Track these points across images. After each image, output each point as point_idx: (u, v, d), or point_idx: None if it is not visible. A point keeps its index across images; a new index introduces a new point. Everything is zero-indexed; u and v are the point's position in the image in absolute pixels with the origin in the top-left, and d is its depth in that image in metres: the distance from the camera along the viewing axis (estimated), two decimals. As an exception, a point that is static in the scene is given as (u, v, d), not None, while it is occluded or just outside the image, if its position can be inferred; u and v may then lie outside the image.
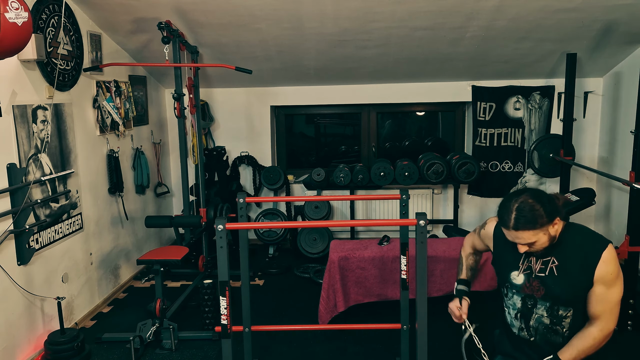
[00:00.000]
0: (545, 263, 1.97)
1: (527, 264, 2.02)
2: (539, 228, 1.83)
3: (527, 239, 1.86)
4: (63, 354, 3.00)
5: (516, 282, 2.05)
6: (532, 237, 1.85)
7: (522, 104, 4.94)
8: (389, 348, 3.17)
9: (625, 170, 4.13)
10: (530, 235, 1.85)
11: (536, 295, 2.00)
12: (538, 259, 1.99)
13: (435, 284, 3.47)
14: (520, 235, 1.86)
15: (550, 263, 1.96)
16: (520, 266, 2.04)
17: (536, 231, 1.84)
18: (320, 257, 4.82)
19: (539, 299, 1.99)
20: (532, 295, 2.01)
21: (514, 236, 1.89)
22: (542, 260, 1.98)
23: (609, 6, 3.54)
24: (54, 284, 3.32)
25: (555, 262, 1.95)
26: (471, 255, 2.39)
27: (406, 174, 4.70)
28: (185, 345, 3.28)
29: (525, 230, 1.84)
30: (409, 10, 3.59)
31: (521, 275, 2.03)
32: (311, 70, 4.71)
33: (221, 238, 1.96)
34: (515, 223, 1.85)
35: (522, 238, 1.86)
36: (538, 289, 1.99)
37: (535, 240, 1.86)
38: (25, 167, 3.01)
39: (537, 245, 1.88)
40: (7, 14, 2.34)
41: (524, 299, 2.04)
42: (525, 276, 2.02)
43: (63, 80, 3.40)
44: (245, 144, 5.28)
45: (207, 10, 3.63)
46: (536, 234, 1.85)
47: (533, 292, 2.00)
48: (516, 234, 1.86)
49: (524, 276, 2.02)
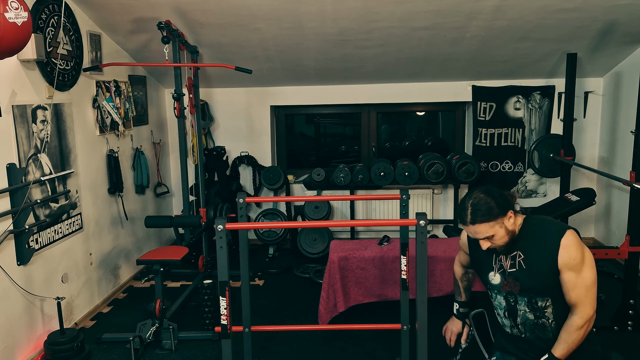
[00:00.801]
0: (513, 258, 2.05)
1: (499, 263, 2.10)
2: (494, 220, 1.93)
3: (485, 233, 1.96)
4: (63, 354, 3.00)
5: (494, 282, 2.13)
6: (489, 230, 1.95)
7: (523, 104, 4.94)
8: (389, 348, 3.17)
9: (625, 170, 4.13)
10: (487, 228, 1.94)
11: (514, 291, 2.07)
12: (507, 257, 2.07)
13: (435, 284, 3.47)
14: (478, 229, 1.95)
15: (517, 257, 2.04)
16: (494, 266, 2.12)
17: (491, 223, 1.94)
18: (320, 257, 4.82)
19: (517, 295, 2.07)
20: (511, 292, 2.09)
21: (473, 232, 1.98)
22: (510, 257, 2.06)
23: (609, 6, 3.53)
24: (54, 284, 3.32)
25: (521, 256, 2.03)
26: (464, 275, 2.44)
27: (406, 174, 4.70)
28: (185, 345, 3.27)
29: (481, 224, 1.94)
30: (409, 10, 3.59)
31: (497, 275, 2.11)
32: (311, 70, 4.71)
33: (221, 238, 1.96)
34: (472, 217, 1.94)
35: (481, 232, 1.96)
36: (514, 285, 2.06)
37: (492, 233, 1.96)
38: (25, 167, 3.01)
39: (497, 239, 1.97)
40: (6, 13, 2.34)
41: (506, 297, 2.11)
42: (500, 275, 2.10)
43: (63, 80, 3.40)
44: (245, 144, 5.28)
45: (207, 10, 3.62)
46: (492, 227, 1.94)
47: (511, 289, 2.08)
48: (474, 228, 1.96)
49: (499, 275, 2.10)
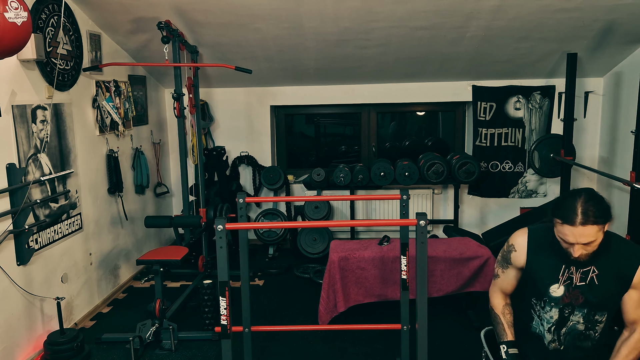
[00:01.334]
0: (585, 273, 1.97)
1: (567, 274, 1.99)
2: (603, 223, 1.84)
3: (592, 236, 1.83)
4: (63, 354, 2.99)
5: (555, 295, 2.02)
6: (596, 233, 1.84)
7: (523, 104, 4.94)
8: (389, 348, 3.17)
9: (625, 170, 4.13)
10: (595, 231, 1.83)
11: (575, 303, 2.00)
12: (578, 269, 1.98)
13: (435, 284, 3.46)
14: (587, 231, 1.82)
15: (590, 272, 1.96)
16: (560, 278, 2.00)
17: (600, 227, 1.84)
18: (320, 257, 4.82)
19: (577, 306, 2.00)
20: (570, 304, 2.01)
21: (579, 234, 1.84)
22: (582, 270, 1.97)
23: (609, 6, 3.53)
24: (54, 284, 3.32)
25: (596, 272, 1.96)
26: (507, 308, 2.18)
27: (406, 174, 4.70)
28: (185, 345, 3.27)
29: (593, 225, 1.82)
30: (409, 10, 3.59)
31: (561, 287, 2.01)
32: (311, 70, 4.71)
33: (221, 238, 1.96)
34: (585, 218, 1.81)
35: (587, 235, 1.83)
36: (577, 298, 1.99)
37: (595, 238, 1.85)
38: (24, 167, 3.01)
39: (592, 246, 1.87)
40: (6, 13, 2.34)
41: (561, 309, 2.03)
42: (565, 287, 2.00)
43: (62, 80, 3.40)
44: (245, 144, 5.27)
45: (206, 9, 3.62)
46: (599, 231, 1.84)
47: (572, 301, 2.00)
48: (583, 230, 1.82)
49: (564, 287, 2.00)
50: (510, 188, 5.09)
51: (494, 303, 2.20)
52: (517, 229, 2.15)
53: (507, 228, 4.08)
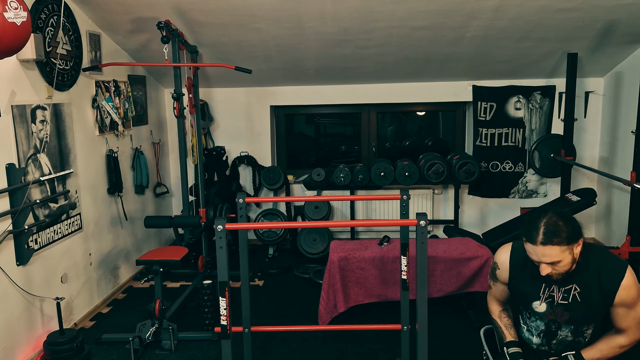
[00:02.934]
0: (567, 291, 1.96)
1: (548, 293, 1.99)
2: (566, 244, 1.81)
3: (554, 257, 1.82)
4: (62, 355, 2.99)
5: (539, 311, 2.03)
6: (559, 254, 1.82)
7: (523, 104, 4.93)
8: (389, 348, 3.16)
9: (626, 171, 4.13)
10: (557, 252, 1.81)
11: (560, 320, 2.00)
12: (560, 288, 1.97)
13: (435, 285, 3.46)
14: (548, 252, 1.82)
15: (572, 290, 1.95)
16: (541, 296, 2.01)
17: (563, 248, 1.81)
18: (320, 257, 4.81)
19: (563, 323, 2.00)
20: (555, 320, 2.01)
21: (540, 253, 1.84)
22: (564, 289, 1.96)
23: (609, 6, 3.53)
24: (53, 285, 3.31)
25: (577, 289, 1.94)
26: (503, 312, 2.22)
27: (406, 174, 4.69)
28: (184, 345, 3.27)
29: (553, 246, 1.81)
30: (409, 10, 3.59)
31: (543, 304, 2.01)
32: (311, 70, 4.71)
33: (221, 238, 1.95)
34: (544, 238, 1.81)
35: (549, 255, 1.82)
36: (562, 315, 1.99)
37: (560, 259, 1.83)
38: (24, 167, 3.01)
39: (561, 266, 1.86)
40: (6, 13, 2.33)
41: (547, 324, 2.03)
42: (547, 304, 2.00)
43: (62, 80, 3.40)
44: (245, 144, 5.27)
45: (206, 9, 3.62)
46: (563, 252, 1.82)
47: (557, 318, 2.00)
48: (543, 249, 1.82)
49: (546, 304, 2.01)
50: (511, 188, 5.08)
51: (490, 309, 2.26)
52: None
53: (507, 228, 4.07)
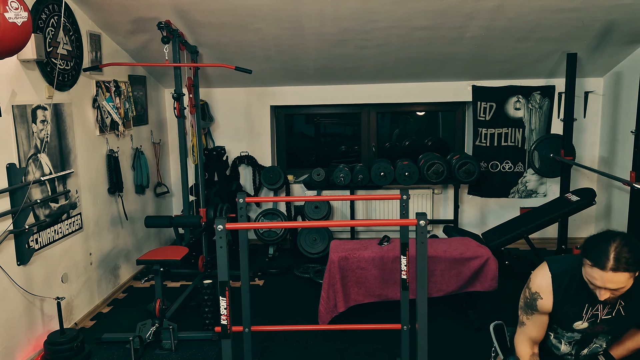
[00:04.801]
0: (612, 306, 1.91)
1: (591, 312, 1.94)
2: (635, 271, 1.74)
3: (620, 283, 1.75)
4: (63, 354, 3.00)
5: (578, 329, 1.99)
6: (625, 281, 1.75)
7: (523, 104, 4.94)
8: (389, 348, 3.17)
9: (625, 170, 4.13)
10: (625, 279, 1.74)
11: (599, 331, 1.98)
12: (605, 306, 1.92)
13: (435, 284, 3.46)
14: (616, 278, 1.74)
15: (617, 305, 1.91)
16: (584, 316, 1.95)
17: (632, 274, 1.75)
18: (320, 257, 4.82)
19: (600, 333, 1.98)
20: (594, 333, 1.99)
21: (607, 279, 1.75)
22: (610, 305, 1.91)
23: (609, 6, 3.53)
24: (54, 284, 3.32)
25: (622, 303, 1.90)
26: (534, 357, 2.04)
27: (406, 174, 4.70)
28: (185, 345, 3.27)
29: (623, 272, 1.73)
30: (409, 10, 3.59)
31: (585, 323, 1.97)
32: (311, 70, 4.71)
33: (221, 238, 1.96)
34: (616, 264, 1.72)
35: (616, 282, 1.74)
36: (603, 328, 1.96)
37: (624, 285, 1.76)
38: (24, 167, 3.01)
39: (620, 291, 1.79)
40: (6, 13, 2.34)
41: (585, 336, 2.01)
42: (589, 323, 1.96)
43: (63, 80, 3.40)
44: (245, 144, 5.27)
45: (206, 10, 3.62)
46: (629, 278, 1.75)
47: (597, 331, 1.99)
48: (612, 276, 1.73)
49: (587, 323, 1.97)
50: (510, 188, 5.09)
51: (520, 352, 2.05)
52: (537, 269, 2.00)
53: (507, 228, 4.08)
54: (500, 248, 3.93)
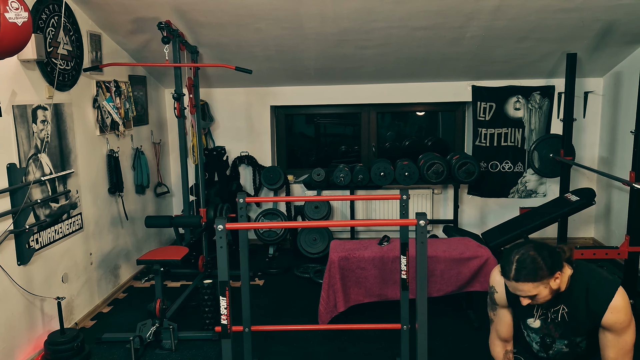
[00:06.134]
0: (556, 312, 1.98)
1: (541, 310, 2.02)
2: (539, 281, 1.81)
3: (527, 292, 1.84)
4: (63, 354, 3.00)
5: (533, 326, 2.05)
6: (532, 289, 1.83)
7: (522, 104, 4.94)
8: (389, 348, 3.17)
9: (625, 170, 4.13)
10: (530, 287, 1.82)
11: (554, 335, 2.02)
12: (549, 308, 1.99)
13: (435, 284, 3.47)
14: (521, 287, 1.83)
15: (560, 310, 1.96)
16: (535, 313, 2.04)
17: (536, 284, 1.82)
18: (320, 257, 4.82)
19: (556, 338, 2.03)
20: (549, 334, 2.03)
21: (514, 288, 1.86)
22: (553, 309, 1.98)
23: (609, 6, 3.53)
24: (54, 284, 3.32)
25: (565, 309, 1.95)
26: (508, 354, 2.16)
27: (406, 174, 4.70)
28: (185, 345, 3.27)
29: (525, 282, 1.82)
30: (409, 10, 3.59)
31: (537, 321, 2.04)
32: (311, 70, 4.71)
33: (221, 238, 1.96)
34: (516, 274, 1.82)
35: (523, 290, 1.84)
36: (554, 331, 2.02)
37: (535, 293, 1.84)
38: (25, 167, 3.01)
39: (539, 298, 1.86)
40: (7, 14, 2.34)
41: (542, 337, 2.06)
42: (541, 321, 2.03)
43: (63, 80, 3.40)
44: (245, 144, 5.28)
45: (206, 10, 3.62)
46: (536, 287, 1.82)
47: (550, 333, 2.02)
48: (516, 285, 1.84)
49: (540, 321, 2.04)
50: (510, 188, 5.09)
51: (493, 352, 2.17)
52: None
53: (507, 228, 4.08)
54: (500, 248, 3.93)
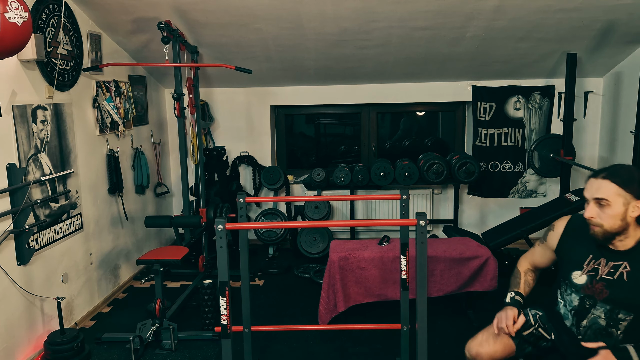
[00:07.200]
0: (615, 267, 1.91)
1: (593, 265, 1.96)
2: (624, 189, 1.81)
3: (606, 194, 1.82)
4: (63, 354, 3.00)
5: (577, 282, 2.00)
6: (611, 194, 1.82)
7: (523, 104, 4.94)
8: (389, 348, 3.17)
9: (625, 170, 4.13)
10: (610, 191, 1.82)
11: (597, 297, 1.94)
12: (608, 262, 1.93)
13: (435, 284, 3.47)
14: (604, 185, 1.83)
15: (621, 267, 1.90)
16: (584, 267, 1.98)
17: (618, 190, 1.81)
18: (320, 257, 4.82)
19: (599, 301, 1.94)
20: (592, 296, 1.96)
21: (597, 186, 1.85)
22: (613, 264, 1.92)
23: (609, 6, 3.53)
24: (54, 284, 3.32)
25: (627, 268, 1.89)
26: (530, 272, 2.25)
27: (406, 174, 4.70)
28: (185, 345, 3.27)
29: (610, 182, 1.82)
30: (409, 10, 3.59)
31: (584, 276, 1.98)
32: (311, 70, 4.71)
33: (221, 238, 1.96)
34: (609, 172, 1.84)
35: (602, 190, 1.83)
36: (601, 292, 1.93)
37: (611, 201, 1.82)
38: (25, 167, 3.01)
39: (607, 215, 1.84)
40: (6, 13, 2.34)
41: (582, 299, 1.99)
42: (588, 277, 1.97)
43: (63, 80, 3.40)
44: (245, 144, 5.28)
45: (206, 10, 3.62)
46: (617, 195, 1.81)
47: (594, 294, 1.95)
48: (601, 182, 1.84)
49: (586, 277, 1.97)
50: (510, 188, 5.09)
51: (519, 264, 2.28)
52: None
53: (506, 228, 4.07)
54: (500, 248, 3.93)
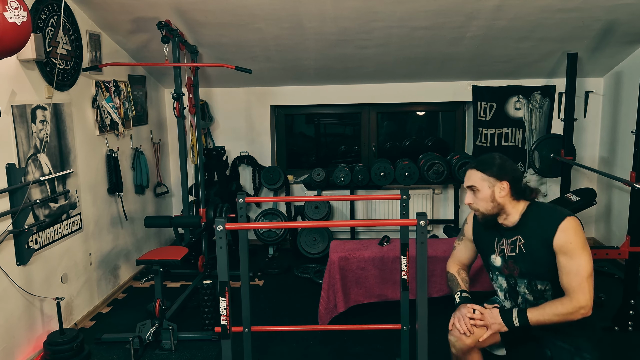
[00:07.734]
0: (513, 243, 2.13)
1: (500, 246, 2.18)
2: (487, 175, 2.07)
3: (473, 181, 2.10)
4: (62, 355, 2.99)
5: (496, 264, 2.22)
6: (478, 181, 2.08)
7: (523, 104, 4.93)
8: (389, 348, 3.16)
9: (626, 170, 4.12)
10: (477, 178, 2.09)
11: (514, 275, 2.16)
12: (507, 240, 2.14)
13: (435, 284, 3.46)
14: (471, 175, 2.11)
15: (517, 242, 2.11)
16: (495, 249, 2.20)
17: (483, 177, 2.07)
18: (320, 257, 4.81)
19: (517, 277, 2.15)
20: (511, 275, 2.17)
21: (468, 175, 2.13)
22: (510, 241, 2.13)
23: (609, 6, 3.53)
24: (53, 284, 3.31)
25: (522, 240, 2.10)
26: (462, 271, 2.41)
27: (406, 174, 4.70)
28: (184, 345, 3.27)
29: (475, 171, 2.10)
30: (409, 10, 3.59)
31: (498, 258, 2.20)
32: (311, 70, 4.71)
33: (221, 238, 1.96)
34: (476, 162, 2.12)
35: (470, 179, 2.11)
36: (514, 269, 2.15)
37: (479, 187, 2.08)
38: (24, 167, 3.01)
39: (479, 199, 2.09)
40: (6, 13, 2.33)
41: (507, 279, 2.21)
42: (501, 258, 2.19)
43: (62, 80, 3.40)
44: (245, 144, 5.27)
45: (206, 9, 3.62)
46: (482, 181, 2.07)
47: (511, 272, 2.15)
48: (470, 172, 2.12)
49: (500, 258, 2.19)
50: (511, 188, 5.08)
51: (449, 268, 2.43)
52: None
53: (507, 228, 4.07)
54: (500, 248, 3.92)
